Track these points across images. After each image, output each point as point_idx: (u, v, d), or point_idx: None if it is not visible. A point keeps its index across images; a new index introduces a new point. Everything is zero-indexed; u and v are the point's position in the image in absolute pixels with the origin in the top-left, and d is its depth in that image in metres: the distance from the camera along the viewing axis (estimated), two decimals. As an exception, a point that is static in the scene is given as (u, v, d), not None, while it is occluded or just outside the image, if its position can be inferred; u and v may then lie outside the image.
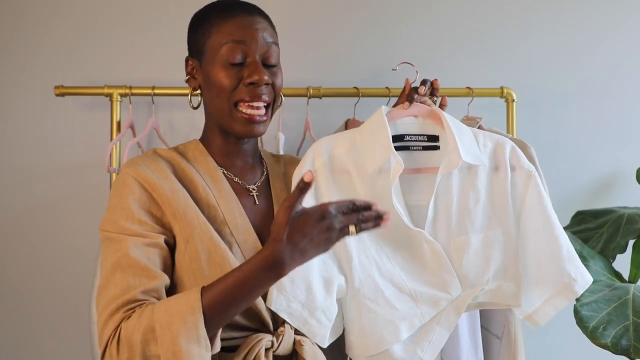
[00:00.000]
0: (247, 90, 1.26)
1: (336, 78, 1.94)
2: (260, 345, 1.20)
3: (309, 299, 1.23)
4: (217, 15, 1.28)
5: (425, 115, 1.36)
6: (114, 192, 1.24)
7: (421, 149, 1.36)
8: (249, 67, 1.26)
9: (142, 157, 1.29)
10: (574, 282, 1.32)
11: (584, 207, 1.94)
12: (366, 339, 1.29)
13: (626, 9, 2.06)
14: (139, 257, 1.16)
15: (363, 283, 1.29)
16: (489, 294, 1.33)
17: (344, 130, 1.84)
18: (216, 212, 1.26)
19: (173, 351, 1.08)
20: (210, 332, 1.11)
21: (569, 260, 1.32)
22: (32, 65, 1.94)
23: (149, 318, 1.10)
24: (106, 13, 1.96)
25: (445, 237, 1.32)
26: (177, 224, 1.22)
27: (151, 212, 1.22)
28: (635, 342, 1.45)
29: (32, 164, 1.94)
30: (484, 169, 1.33)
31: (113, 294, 1.15)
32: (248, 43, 1.26)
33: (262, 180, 1.38)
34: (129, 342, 1.10)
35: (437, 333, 1.32)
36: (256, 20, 1.29)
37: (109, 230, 1.21)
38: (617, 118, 2.06)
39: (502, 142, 1.36)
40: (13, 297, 1.94)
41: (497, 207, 1.33)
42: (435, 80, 1.39)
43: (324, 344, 1.27)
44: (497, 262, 1.32)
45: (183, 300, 1.11)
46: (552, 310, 1.34)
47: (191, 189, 1.27)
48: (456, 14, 2.03)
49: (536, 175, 1.34)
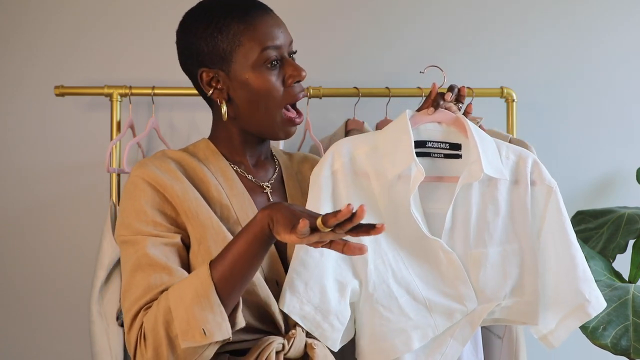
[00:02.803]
0: (293, 89, 1.26)
1: (336, 78, 1.94)
2: (271, 347, 1.19)
3: (322, 302, 1.21)
4: (240, 21, 1.24)
5: (450, 123, 1.32)
6: (125, 195, 1.23)
7: (442, 156, 1.32)
8: (288, 66, 1.26)
9: (151, 158, 1.27)
10: (588, 304, 1.29)
11: (584, 207, 1.94)
12: (377, 346, 1.27)
13: (626, 9, 2.06)
14: (158, 255, 1.15)
15: (377, 288, 1.26)
16: (505, 310, 1.30)
17: (344, 130, 1.85)
18: (229, 211, 1.25)
19: (187, 320, 1.07)
20: (226, 305, 1.09)
21: (584, 281, 1.30)
22: (32, 65, 1.94)
23: (165, 301, 1.10)
24: (106, 13, 1.96)
25: (462, 249, 1.29)
26: (190, 225, 1.21)
27: (165, 212, 1.21)
28: (635, 342, 1.45)
29: (32, 164, 1.94)
30: (504, 182, 1.30)
31: (135, 296, 1.15)
32: (281, 45, 1.26)
33: (275, 176, 1.36)
34: (153, 332, 1.10)
35: (451, 346, 1.29)
36: (275, 19, 1.28)
37: (125, 234, 1.20)
38: (617, 118, 2.06)
39: (524, 155, 1.33)
40: (13, 297, 1.94)
41: (516, 222, 1.31)
42: (462, 87, 1.36)
43: (335, 348, 1.25)
44: (514, 277, 1.30)
45: (192, 275, 1.12)
46: (565, 332, 1.32)
47: (203, 188, 1.25)
48: (456, 14, 2.03)
49: (557, 190, 1.31)
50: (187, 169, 1.27)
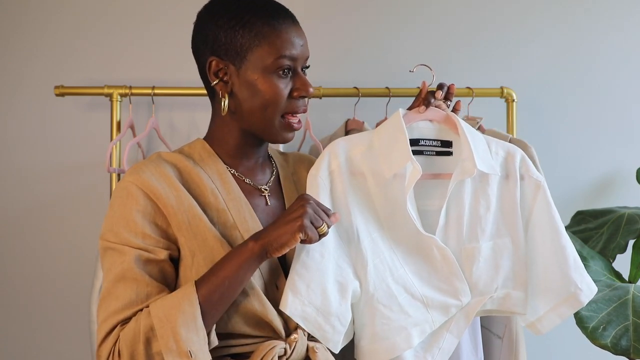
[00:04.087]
0: (297, 102, 1.26)
1: (336, 78, 1.94)
2: (273, 352, 1.18)
3: (324, 304, 1.21)
4: (265, 23, 1.23)
5: (441, 120, 1.34)
6: (116, 200, 1.21)
7: (434, 154, 1.34)
8: (298, 79, 1.25)
9: (146, 162, 1.24)
10: (580, 292, 1.32)
11: (584, 207, 1.94)
12: (378, 345, 1.27)
13: (626, 9, 2.06)
14: (142, 271, 1.15)
15: (377, 288, 1.27)
16: (497, 302, 1.32)
17: (344, 130, 1.85)
18: (226, 216, 1.24)
19: (175, 340, 1.08)
20: (206, 326, 1.11)
21: (575, 270, 1.32)
22: (32, 65, 1.94)
23: (146, 318, 1.10)
24: (106, 13, 1.96)
25: (456, 244, 1.31)
26: (183, 237, 1.19)
27: (156, 223, 1.19)
28: (635, 342, 1.45)
29: (32, 164, 1.94)
30: (495, 177, 1.32)
31: (114, 308, 1.14)
32: (298, 57, 1.25)
33: (272, 179, 1.35)
34: (130, 348, 1.10)
35: (447, 340, 1.31)
36: (300, 31, 1.27)
37: (112, 240, 1.18)
38: (617, 118, 2.06)
39: (512, 151, 1.35)
40: (13, 297, 1.94)
41: (506, 216, 1.33)
42: (451, 85, 1.37)
43: (336, 350, 1.25)
44: (505, 270, 1.32)
45: (179, 294, 1.12)
46: (557, 318, 1.33)
47: (198, 193, 1.24)
48: (456, 14, 2.03)
49: (545, 185, 1.33)
50: (183, 173, 1.25)
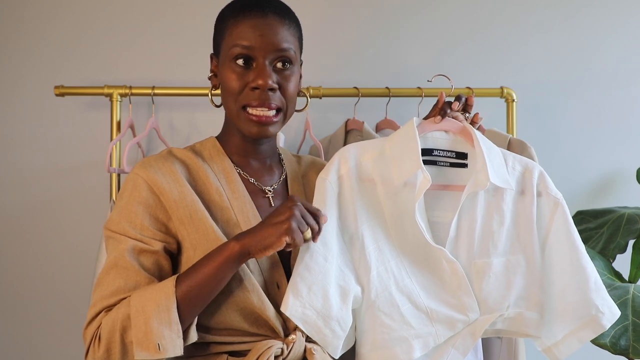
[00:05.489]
0: (252, 94, 1.25)
1: (336, 78, 1.94)
2: (270, 352, 1.18)
3: (324, 308, 1.20)
4: (232, 16, 1.27)
5: (457, 132, 1.32)
6: (123, 192, 1.24)
7: (448, 165, 1.32)
8: (255, 70, 1.25)
9: (155, 157, 1.28)
10: (602, 315, 1.28)
11: (584, 207, 1.94)
12: (377, 354, 1.25)
13: (626, 9, 2.06)
14: (134, 261, 1.18)
15: (379, 296, 1.25)
16: (507, 322, 1.29)
17: (344, 130, 1.85)
18: (229, 214, 1.25)
19: (145, 331, 1.10)
20: (183, 321, 1.12)
21: (596, 292, 1.28)
22: (32, 65, 1.95)
23: (126, 307, 1.13)
24: (106, 13, 1.96)
25: (466, 258, 1.28)
26: (185, 230, 1.21)
27: (157, 216, 1.21)
28: (634, 342, 1.46)
29: (32, 164, 1.94)
30: (510, 192, 1.29)
31: (103, 293, 1.17)
32: (256, 47, 1.24)
33: (279, 181, 1.36)
34: (109, 334, 1.12)
35: (452, 356, 1.27)
36: (268, 22, 1.25)
37: (113, 229, 1.21)
38: (617, 118, 2.06)
39: (530, 166, 1.32)
40: (13, 297, 1.94)
41: (521, 233, 1.30)
42: (470, 96, 1.36)
43: (336, 355, 1.24)
44: (518, 288, 1.28)
45: (159, 286, 1.14)
46: (577, 343, 1.29)
47: (204, 191, 1.26)
48: (456, 14, 2.03)
49: (563, 202, 1.30)
50: (191, 169, 1.28)
